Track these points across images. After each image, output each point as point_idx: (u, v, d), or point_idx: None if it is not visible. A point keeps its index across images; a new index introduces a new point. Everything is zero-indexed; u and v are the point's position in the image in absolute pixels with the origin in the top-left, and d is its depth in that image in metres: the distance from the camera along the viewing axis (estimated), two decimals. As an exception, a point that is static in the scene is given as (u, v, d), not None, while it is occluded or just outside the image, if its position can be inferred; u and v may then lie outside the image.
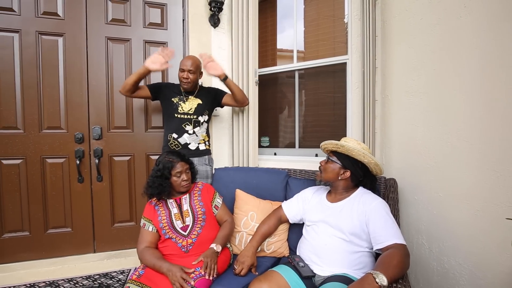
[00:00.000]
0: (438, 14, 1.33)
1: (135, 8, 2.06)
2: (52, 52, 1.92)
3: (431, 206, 1.40)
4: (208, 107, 1.85)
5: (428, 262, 1.42)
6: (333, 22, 2.19)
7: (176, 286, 1.11)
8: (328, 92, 2.19)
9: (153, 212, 1.35)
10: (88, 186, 2.01)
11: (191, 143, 1.80)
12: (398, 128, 1.66)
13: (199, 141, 1.83)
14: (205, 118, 1.83)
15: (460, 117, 1.22)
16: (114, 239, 2.09)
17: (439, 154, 1.34)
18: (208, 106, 1.85)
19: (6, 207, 1.88)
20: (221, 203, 1.48)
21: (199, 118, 1.80)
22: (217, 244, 1.29)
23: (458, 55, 1.23)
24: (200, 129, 1.82)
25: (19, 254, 1.92)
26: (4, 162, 1.87)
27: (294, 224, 1.48)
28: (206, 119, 1.85)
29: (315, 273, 1.18)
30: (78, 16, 1.95)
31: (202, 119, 1.82)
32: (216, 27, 2.15)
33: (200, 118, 1.80)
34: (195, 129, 1.80)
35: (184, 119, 1.77)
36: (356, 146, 1.25)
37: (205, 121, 1.84)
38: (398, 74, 1.65)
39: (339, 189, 1.29)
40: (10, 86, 1.85)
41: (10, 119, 1.86)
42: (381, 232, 1.08)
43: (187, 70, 1.70)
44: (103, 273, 1.93)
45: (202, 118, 1.81)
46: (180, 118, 1.77)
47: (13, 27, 1.84)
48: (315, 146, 2.19)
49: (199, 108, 1.80)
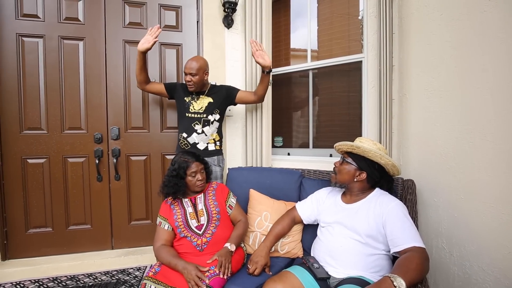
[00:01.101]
0: (459, 8, 1.28)
1: (151, 11, 2.11)
2: (73, 55, 2.00)
3: (452, 208, 1.34)
4: (220, 106, 1.83)
5: (449, 266, 1.36)
6: (347, 20, 2.15)
7: (191, 284, 1.13)
8: (342, 91, 2.16)
9: (168, 211, 1.37)
10: (106, 185, 2.08)
11: (199, 143, 1.79)
12: (416, 127, 1.61)
13: (208, 140, 1.81)
14: (215, 117, 1.81)
15: (484, 116, 1.17)
16: (131, 236, 2.15)
17: (460, 154, 1.29)
18: (220, 105, 1.83)
19: (31, 204, 1.98)
20: (235, 203, 1.49)
21: (208, 117, 1.79)
22: (231, 244, 1.30)
23: (482, 51, 1.17)
24: (210, 129, 1.80)
25: (43, 249, 2.01)
26: (30, 161, 1.96)
27: (308, 224, 1.47)
28: (217, 118, 1.83)
29: (330, 275, 1.16)
30: (97, 21, 2.02)
31: (212, 118, 1.80)
32: (229, 28, 2.17)
33: (210, 117, 1.79)
34: (204, 128, 1.79)
35: (194, 118, 1.77)
36: (372, 147, 1.21)
37: (215, 120, 1.82)
38: (417, 72, 1.60)
39: (354, 191, 1.26)
40: (35, 88, 1.95)
41: (35, 120, 1.95)
42: (399, 235, 1.05)
43: (188, 73, 1.71)
44: (120, 269, 1.99)
45: (212, 117, 1.80)
46: (191, 117, 1.78)
47: (37, 32, 1.93)
48: (329, 146, 2.16)
49: (210, 107, 1.79)
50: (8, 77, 1.90)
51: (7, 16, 1.88)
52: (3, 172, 1.93)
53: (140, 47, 1.65)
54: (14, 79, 1.91)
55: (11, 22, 1.89)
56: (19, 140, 1.94)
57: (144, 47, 1.64)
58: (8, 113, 1.91)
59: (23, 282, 1.82)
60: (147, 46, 1.64)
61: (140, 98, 2.12)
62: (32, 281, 1.83)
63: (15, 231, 1.97)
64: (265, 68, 1.70)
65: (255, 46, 1.71)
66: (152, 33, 1.66)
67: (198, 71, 1.71)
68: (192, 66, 1.70)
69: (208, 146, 1.82)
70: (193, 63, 1.71)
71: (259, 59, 1.69)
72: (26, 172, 1.96)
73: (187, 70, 1.71)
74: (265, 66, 1.69)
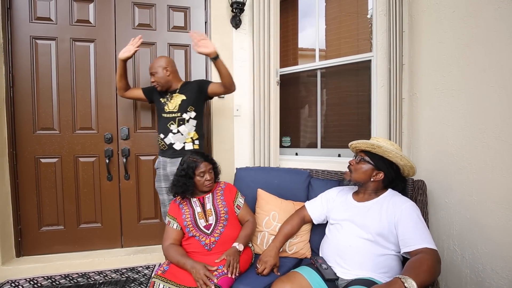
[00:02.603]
0: (472, 5, 1.25)
1: (160, 12, 2.13)
2: (85, 57, 2.04)
3: (464, 209, 1.32)
4: (194, 102, 1.76)
5: (461, 269, 1.33)
6: (356, 19, 2.13)
7: (199, 283, 1.14)
8: (351, 90, 2.14)
9: (177, 210, 1.39)
10: (116, 184, 2.12)
11: (175, 143, 1.73)
12: (427, 127, 1.58)
13: (185, 140, 1.74)
14: (191, 114, 1.74)
15: (498, 115, 1.14)
16: (140, 235, 2.18)
17: (473, 154, 1.26)
18: (194, 101, 1.76)
19: (44, 202, 2.03)
20: (243, 203, 1.50)
21: (183, 115, 1.73)
22: (239, 243, 1.30)
23: (495, 49, 1.14)
24: (186, 127, 1.73)
25: (55, 246, 2.06)
26: (43, 160, 2.01)
27: (316, 225, 1.46)
28: (193, 115, 1.75)
29: (338, 277, 1.15)
30: (108, 23, 2.05)
31: (188, 116, 1.74)
32: (237, 28, 2.18)
33: (185, 115, 1.73)
34: (180, 127, 1.73)
35: (169, 118, 1.74)
36: (391, 147, 1.20)
37: (191, 118, 1.75)
38: (427, 71, 1.57)
39: (368, 190, 1.25)
40: (48, 90, 1.99)
41: (48, 120, 2.00)
42: (410, 235, 1.04)
43: (150, 73, 1.77)
44: (129, 268, 2.01)
45: (187, 115, 1.73)
46: (166, 118, 1.74)
47: (50, 35, 1.98)
48: (337, 146, 2.14)
49: (183, 105, 1.73)
50: (23, 78, 1.96)
51: (21, 19, 1.94)
52: (17, 171, 1.98)
53: (120, 56, 1.70)
54: (28, 80, 1.96)
55: (25, 25, 1.94)
56: (33, 140, 1.99)
57: (125, 56, 1.70)
58: (22, 114, 1.97)
59: (37, 278, 1.86)
60: (127, 55, 1.70)
61: (149, 98, 2.14)
62: (45, 278, 1.87)
63: (28, 229, 2.02)
64: (210, 55, 1.56)
65: (197, 37, 1.55)
66: (134, 43, 1.72)
67: (158, 68, 1.74)
68: (152, 65, 1.77)
69: (185, 145, 1.75)
70: (154, 62, 1.78)
71: (202, 49, 1.55)
72: (39, 171, 2.01)
73: (149, 71, 1.78)
74: (210, 53, 1.56)
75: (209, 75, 2.20)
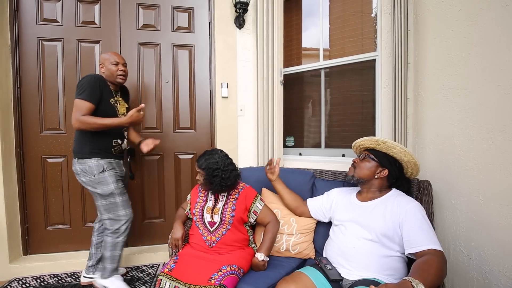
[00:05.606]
0: (479, 3, 1.23)
1: (164, 13, 2.14)
2: (90, 58, 2.06)
3: (471, 210, 1.30)
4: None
5: (467, 271, 1.32)
6: (360, 18, 2.12)
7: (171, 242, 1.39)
8: (355, 90, 2.12)
9: (195, 195, 1.49)
10: (121, 184, 2.13)
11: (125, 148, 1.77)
12: (433, 127, 1.56)
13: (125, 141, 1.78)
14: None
15: (506, 115, 1.12)
16: (144, 234, 2.19)
17: (480, 154, 1.24)
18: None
19: (50, 201, 2.06)
20: (261, 207, 1.43)
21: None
22: (261, 253, 1.31)
23: (503, 47, 1.13)
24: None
25: (61, 245, 2.08)
26: (49, 160, 2.04)
27: (320, 225, 1.46)
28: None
29: (343, 277, 1.15)
30: (113, 24, 2.07)
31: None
32: (241, 28, 2.18)
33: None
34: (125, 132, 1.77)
35: None
36: (395, 142, 1.21)
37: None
38: (433, 70, 1.55)
39: (372, 188, 1.24)
40: (54, 90, 2.02)
41: (54, 120, 2.03)
42: (416, 236, 1.03)
43: (122, 63, 1.65)
44: (134, 266, 2.03)
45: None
46: None
47: (56, 36, 2.00)
48: (341, 146, 2.13)
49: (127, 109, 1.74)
50: (30, 79, 1.99)
51: (28, 21, 1.96)
52: (24, 171, 2.01)
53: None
54: (35, 81, 1.99)
55: (32, 27, 1.97)
56: (40, 140, 2.01)
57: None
58: (30, 114, 2.00)
59: (43, 276, 1.89)
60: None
61: (154, 98, 2.16)
62: (51, 276, 1.90)
63: (35, 227, 2.05)
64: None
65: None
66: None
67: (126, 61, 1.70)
68: (120, 56, 1.66)
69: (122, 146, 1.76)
70: (118, 54, 1.67)
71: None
72: (45, 171, 2.04)
73: (120, 60, 1.64)
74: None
75: (212, 75, 2.21)
